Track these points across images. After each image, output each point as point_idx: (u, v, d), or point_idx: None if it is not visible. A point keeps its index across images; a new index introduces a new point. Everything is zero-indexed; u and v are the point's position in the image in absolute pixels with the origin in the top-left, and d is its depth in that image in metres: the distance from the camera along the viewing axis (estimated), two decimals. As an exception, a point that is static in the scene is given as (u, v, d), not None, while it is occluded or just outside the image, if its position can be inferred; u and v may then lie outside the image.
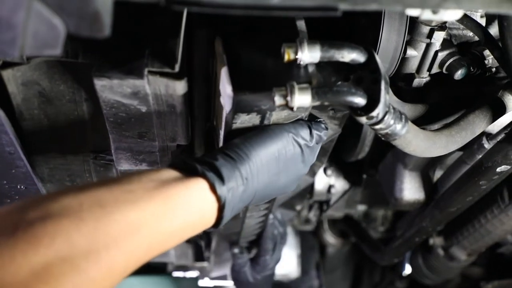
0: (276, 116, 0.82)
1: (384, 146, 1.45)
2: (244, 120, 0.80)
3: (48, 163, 1.06)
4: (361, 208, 1.87)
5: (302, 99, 0.73)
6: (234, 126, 0.81)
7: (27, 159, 1.01)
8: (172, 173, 0.72)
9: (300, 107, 0.73)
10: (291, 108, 0.73)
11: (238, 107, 0.76)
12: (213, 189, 0.71)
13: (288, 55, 0.75)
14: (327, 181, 1.69)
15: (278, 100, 0.73)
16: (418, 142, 0.86)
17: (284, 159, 0.81)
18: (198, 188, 0.71)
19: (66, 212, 0.58)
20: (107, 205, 0.61)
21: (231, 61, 0.78)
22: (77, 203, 0.60)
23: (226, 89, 0.75)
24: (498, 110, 0.97)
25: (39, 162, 1.06)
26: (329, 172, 1.67)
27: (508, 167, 1.01)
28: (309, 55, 0.75)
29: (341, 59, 0.77)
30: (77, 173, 1.10)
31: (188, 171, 0.73)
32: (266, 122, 0.82)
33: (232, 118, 0.79)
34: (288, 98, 0.72)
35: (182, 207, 0.68)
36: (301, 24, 0.83)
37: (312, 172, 1.44)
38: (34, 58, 0.84)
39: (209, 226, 0.75)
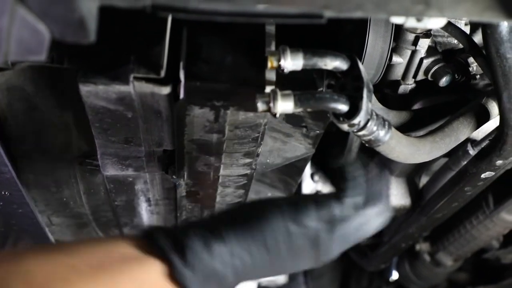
0: (232, 116, 0.82)
1: (371, 152, 1.46)
2: (198, 114, 0.81)
3: (33, 169, 1.05)
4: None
5: (285, 105, 0.73)
6: (188, 119, 0.81)
7: (12, 165, 1.00)
8: (130, 248, 0.64)
9: (282, 113, 0.74)
10: (274, 115, 0.74)
11: (190, 97, 0.77)
12: (172, 272, 0.63)
13: (271, 63, 0.76)
14: (314, 186, 1.69)
15: (261, 106, 0.73)
16: (402, 149, 0.87)
17: (278, 253, 0.68)
18: (154, 270, 0.63)
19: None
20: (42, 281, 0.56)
21: (191, 50, 0.79)
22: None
23: (181, 77, 0.76)
24: (482, 117, 0.98)
25: (24, 168, 1.05)
26: (316, 177, 1.67)
27: (493, 173, 1.02)
28: (291, 62, 0.75)
29: (324, 67, 0.78)
30: (62, 179, 1.10)
31: (150, 245, 0.65)
32: (221, 120, 0.83)
33: (185, 108, 0.79)
34: (271, 104, 0.73)
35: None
36: (270, 28, 0.84)
37: (289, 191, 1.41)
38: (19, 64, 0.84)
39: None
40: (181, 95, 0.78)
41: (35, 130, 0.97)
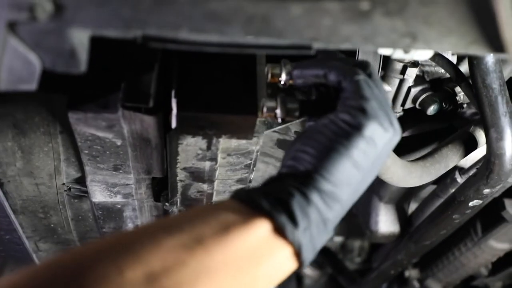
0: (224, 144, 0.83)
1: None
2: (190, 142, 0.81)
3: (21, 195, 1.05)
4: (338, 239, 1.88)
5: (292, 109, 0.74)
6: (180, 147, 0.82)
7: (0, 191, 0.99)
8: (233, 213, 0.59)
9: (287, 120, 0.74)
10: (281, 120, 0.74)
11: (182, 127, 0.78)
12: (282, 233, 0.59)
13: (272, 76, 0.76)
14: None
15: (266, 111, 0.74)
16: (396, 169, 0.88)
17: (365, 162, 0.65)
18: (263, 232, 0.58)
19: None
20: (180, 251, 0.53)
21: (182, 78, 0.79)
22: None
23: (173, 106, 0.77)
24: (470, 145, 0.99)
25: (11, 194, 1.04)
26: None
27: (480, 201, 1.03)
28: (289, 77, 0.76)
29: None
30: (50, 204, 1.09)
31: (253, 207, 0.60)
32: (213, 148, 0.83)
33: (177, 137, 0.80)
34: (277, 111, 0.73)
35: (241, 256, 0.57)
36: (261, 54, 0.85)
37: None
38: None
39: (286, 272, 0.62)
40: (173, 125, 0.78)
41: (24, 156, 0.96)
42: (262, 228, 0.58)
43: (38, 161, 0.98)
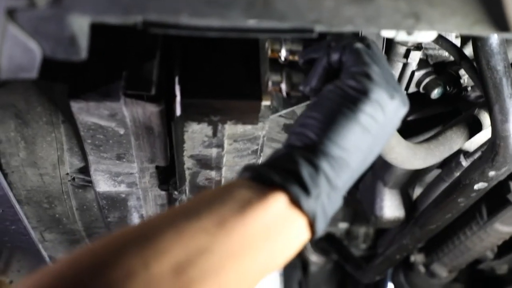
0: (230, 130, 0.82)
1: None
2: (196, 129, 0.81)
3: (25, 185, 1.05)
4: (343, 225, 1.87)
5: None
6: (186, 135, 0.81)
7: (4, 181, 0.99)
8: (247, 192, 0.59)
9: (292, 95, 0.74)
10: (286, 94, 0.74)
11: (186, 114, 0.77)
12: (297, 203, 0.59)
13: (272, 51, 0.76)
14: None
15: (272, 85, 0.73)
16: (400, 150, 0.87)
17: (373, 127, 0.64)
18: (279, 206, 0.58)
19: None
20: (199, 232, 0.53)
21: (185, 65, 0.79)
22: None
23: (176, 93, 0.76)
24: (475, 127, 0.98)
25: (16, 184, 1.04)
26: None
27: (485, 184, 1.02)
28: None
29: None
30: (55, 195, 1.09)
31: (265, 183, 0.60)
32: (219, 135, 0.83)
33: (182, 125, 0.79)
34: (282, 85, 0.73)
35: (261, 234, 0.57)
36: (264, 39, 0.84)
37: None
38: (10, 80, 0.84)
39: (300, 244, 0.62)
40: (178, 112, 0.78)
41: (27, 146, 0.96)
42: (277, 202, 0.58)
43: (42, 151, 0.98)
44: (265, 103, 0.78)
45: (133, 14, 0.54)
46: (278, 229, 0.58)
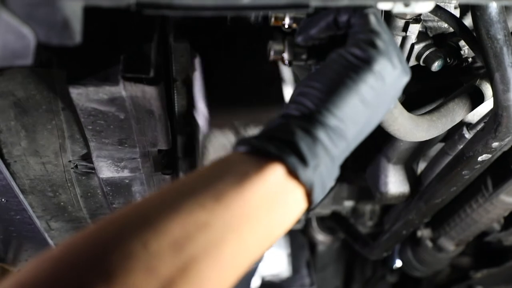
0: (252, 131, 0.82)
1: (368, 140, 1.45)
2: (222, 141, 0.81)
3: (28, 174, 1.05)
4: (348, 204, 1.87)
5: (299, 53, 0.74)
6: (209, 145, 0.82)
7: (6, 171, 0.99)
8: (244, 164, 0.58)
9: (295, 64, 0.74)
10: (289, 63, 0.73)
11: (212, 129, 0.78)
12: (294, 174, 0.58)
13: (276, 19, 0.75)
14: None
15: (273, 54, 0.73)
16: (403, 121, 0.87)
17: (373, 98, 0.63)
18: (277, 177, 0.57)
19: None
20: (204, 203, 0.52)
21: (207, 78, 0.79)
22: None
23: (200, 109, 0.76)
24: (477, 98, 0.98)
25: (19, 174, 1.04)
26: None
27: (489, 155, 1.02)
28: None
29: None
30: (58, 183, 1.09)
31: (261, 155, 0.59)
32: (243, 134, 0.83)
33: (209, 140, 0.80)
34: (284, 54, 0.73)
35: (260, 206, 0.56)
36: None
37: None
38: (7, 69, 0.84)
39: (298, 214, 0.62)
40: (204, 129, 0.78)
41: (28, 135, 0.96)
42: (274, 173, 0.57)
43: (43, 139, 0.98)
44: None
45: (126, -5, 0.53)
46: (276, 201, 0.57)
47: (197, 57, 0.81)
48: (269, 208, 0.57)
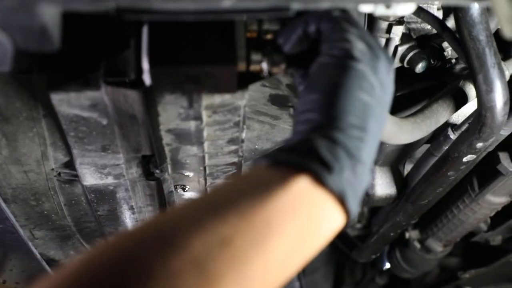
0: (207, 100, 0.80)
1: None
2: (169, 100, 0.78)
3: (10, 183, 1.03)
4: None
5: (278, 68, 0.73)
6: (160, 107, 0.79)
7: (-12, 180, 0.98)
8: (264, 177, 0.56)
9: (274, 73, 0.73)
10: (268, 73, 0.73)
11: (157, 84, 0.75)
12: (321, 181, 0.55)
13: (250, 32, 0.74)
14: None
15: (252, 64, 0.72)
16: (386, 126, 0.87)
17: (372, 89, 0.63)
18: (300, 186, 0.55)
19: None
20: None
21: (153, 37, 0.75)
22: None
23: (144, 63, 0.74)
24: (460, 99, 0.98)
25: (0, 183, 1.03)
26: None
27: (474, 156, 1.02)
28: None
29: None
30: (41, 191, 1.08)
31: (282, 166, 0.56)
32: (195, 105, 0.80)
33: (154, 96, 0.77)
34: (263, 64, 0.72)
35: (284, 217, 0.53)
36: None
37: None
38: (-14, 77, 0.82)
39: (335, 226, 0.58)
40: (147, 82, 0.75)
41: (9, 143, 0.95)
42: (299, 183, 0.55)
43: (24, 147, 0.97)
44: (241, 69, 0.75)
45: (105, 1, 0.53)
46: (302, 211, 0.54)
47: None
48: (294, 219, 0.54)
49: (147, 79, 0.74)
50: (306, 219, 0.55)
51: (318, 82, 0.63)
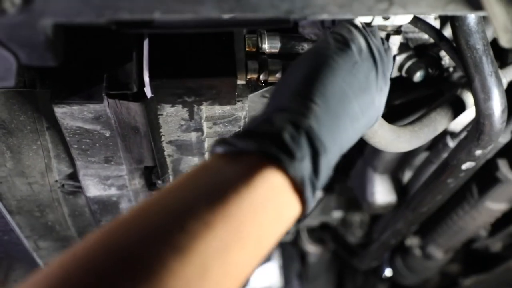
0: (208, 112, 0.81)
1: (354, 152, 1.46)
2: (170, 112, 0.79)
3: (15, 195, 1.04)
4: (337, 214, 1.88)
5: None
6: (161, 119, 0.80)
7: (-7, 192, 0.99)
8: (222, 169, 0.54)
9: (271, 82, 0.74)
10: (264, 82, 0.74)
11: (159, 96, 0.75)
12: (282, 168, 0.53)
13: (249, 46, 0.76)
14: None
15: (249, 73, 0.74)
16: (383, 133, 0.87)
17: (355, 86, 0.62)
18: (262, 177, 0.52)
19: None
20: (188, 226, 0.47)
21: (154, 51, 0.76)
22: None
23: (145, 76, 0.75)
24: (458, 108, 0.99)
25: (5, 195, 1.04)
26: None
27: (473, 163, 1.03)
28: (269, 45, 0.76)
29: (301, 51, 0.79)
30: (45, 203, 1.09)
31: (239, 153, 0.54)
32: (196, 117, 0.81)
33: (156, 108, 0.78)
34: (260, 73, 0.73)
35: (244, 206, 0.51)
36: None
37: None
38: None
39: (294, 215, 0.56)
40: (148, 94, 0.76)
41: (13, 156, 0.96)
42: (261, 175, 0.53)
43: (28, 160, 0.98)
44: (240, 80, 0.76)
45: (106, 15, 0.54)
46: (267, 210, 0.52)
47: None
48: (258, 218, 0.52)
49: (148, 91, 0.75)
50: (271, 217, 0.53)
51: (297, 68, 0.64)
